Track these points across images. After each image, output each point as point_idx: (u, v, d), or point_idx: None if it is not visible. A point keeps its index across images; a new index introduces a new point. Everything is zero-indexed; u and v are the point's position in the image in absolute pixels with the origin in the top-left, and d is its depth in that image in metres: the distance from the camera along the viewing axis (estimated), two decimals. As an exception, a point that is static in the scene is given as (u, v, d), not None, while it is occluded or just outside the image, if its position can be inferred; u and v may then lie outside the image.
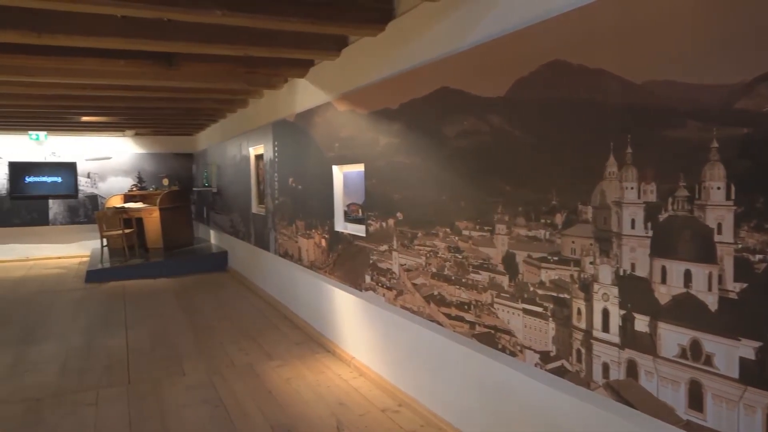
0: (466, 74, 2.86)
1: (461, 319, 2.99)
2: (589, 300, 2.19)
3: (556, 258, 2.34)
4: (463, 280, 2.95)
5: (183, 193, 10.75)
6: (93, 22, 3.55)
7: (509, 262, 2.61)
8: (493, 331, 2.75)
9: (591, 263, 2.17)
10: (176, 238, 10.02)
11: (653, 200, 1.92)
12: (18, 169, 10.67)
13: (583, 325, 2.22)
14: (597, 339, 2.16)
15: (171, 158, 11.82)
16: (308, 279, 5.39)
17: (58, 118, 8.34)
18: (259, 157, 7.10)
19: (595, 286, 2.16)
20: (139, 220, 9.83)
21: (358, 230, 4.28)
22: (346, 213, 4.64)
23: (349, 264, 4.40)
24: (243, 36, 3.99)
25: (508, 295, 2.63)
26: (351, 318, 4.48)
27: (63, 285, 8.35)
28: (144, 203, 10.20)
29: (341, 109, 4.43)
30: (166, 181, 11.50)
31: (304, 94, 5.32)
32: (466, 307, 2.95)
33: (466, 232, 2.91)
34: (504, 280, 2.65)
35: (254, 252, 7.43)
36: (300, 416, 3.59)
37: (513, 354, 2.62)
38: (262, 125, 6.71)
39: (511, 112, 2.55)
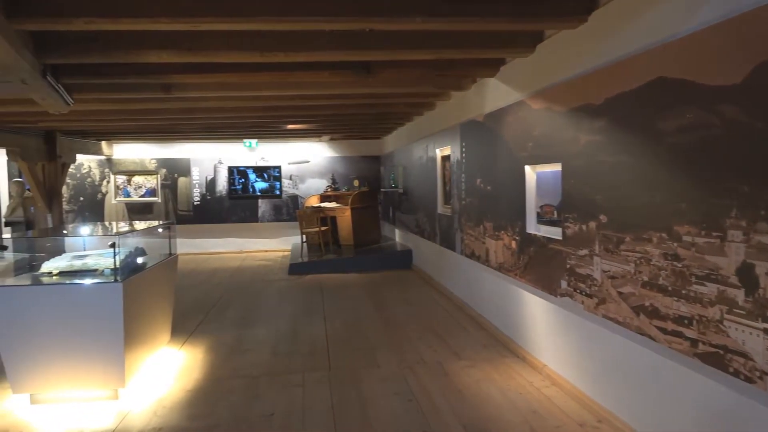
0: (689, 61, 2.56)
1: (680, 335, 2.68)
2: None
3: (813, 272, 1.97)
4: (683, 292, 2.64)
5: (372, 194, 11.37)
6: (305, 38, 3.89)
7: (746, 273, 2.26)
8: (722, 352, 2.41)
9: None
10: (365, 236, 10.65)
11: None
12: (235, 173, 12.25)
13: None
14: None
15: (360, 161, 12.59)
16: (496, 281, 5.32)
17: (268, 126, 9.38)
18: (445, 158, 7.20)
19: None
20: (333, 219, 10.64)
21: (553, 233, 4.10)
22: (539, 215, 4.47)
23: (542, 268, 4.23)
24: (437, 40, 4.07)
25: (743, 312, 2.29)
26: (543, 324, 4.31)
27: (270, 276, 9.36)
28: (337, 203, 11.00)
29: (535, 107, 4.28)
30: (356, 183, 12.28)
31: (494, 93, 5.25)
32: (686, 321, 2.63)
33: (687, 238, 2.60)
34: (738, 295, 2.31)
35: (439, 251, 7.56)
36: (492, 419, 3.54)
37: (749, 380, 2.27)
38: (449, 126, 6.79)
39: (750, 102, 2.21)
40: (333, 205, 10.86)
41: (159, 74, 4.73)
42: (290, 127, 9.36)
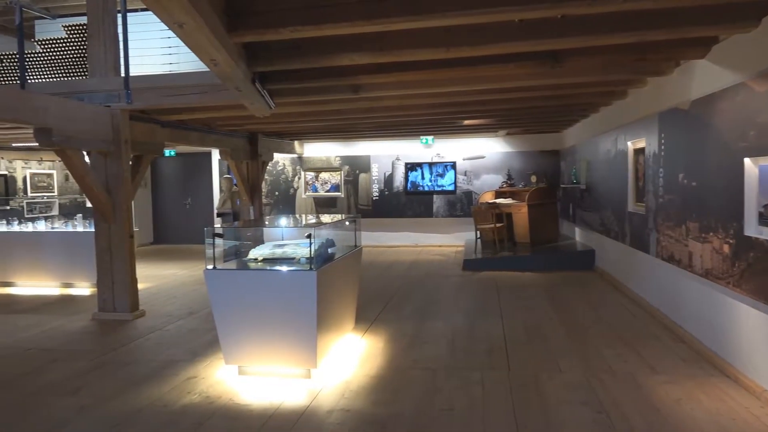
0: None
1: None
2: None
3: None
4: None
5: (550, 191, 10.89)
6: (493, 30, 3.81)
7: None
8: None
9: None
10: (543, 233, 10.22)
11: None
12: (412, 169, 12.59)
13: None
14: None
15: (537, 156, 12.11)
16: (700, 288, 4.71)
17: (444, 123, 9.46)
18: (638, 152, 6.57)
19: None
20: (509, 215, 10.39)
21: (782, 236, 3.49)
22: (761, 215, 3.85)
23: (765, 277, 3.63)
24: (637, 21, 3.71)
25: None
26: (766, 342, 3.70)
27: (444, 270, 9.44)
28: (513, 199, 10.71)
29: (760, 89, 3.68)
30: (534, 179, 11.83)
31: (703, 77, 4.64)
32: None
33: None
34: None
35: (628, 253, 6.95)
36: (699, 446, 3.14)
37: None
38: (644, 116, 6.18)
39: None
40: (508, 201, 10.60)
41: (349, 76, 5.00)
42: (467, 123, 9.33)
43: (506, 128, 10.81)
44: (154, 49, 7.47)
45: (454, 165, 12.41)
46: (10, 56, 7.66)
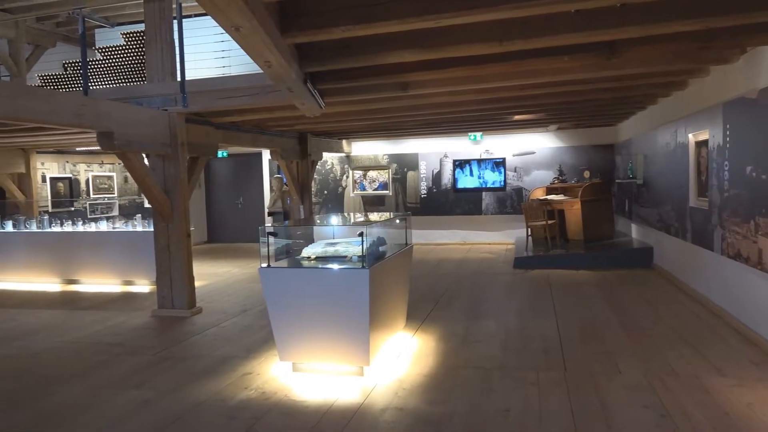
0: None
1: None
2: None
3: None
4: None
5: (604, 186, 10.56)
6: (546, 22, 3.71)
7: None
8: None
9: None
10: (597, 230, 9.93)
11: None
12: (460, 166, 12.47)
13: None
14: None
15: (590, 150, 11.76)
16: (771, 288, 4.47)
17: (493, 119, 9.31)
18: (700, 144, 6.29)
19: None
20: (561, 212, 10.14)
21: None
22: (841, 209, 3.62)
23: None
24: (702, 7, 3.54)
25: None
26: None
27: (494, 268, 9.30)
28: (565, 195, 10.45)
29: (838, 75, 3.45)
30: (587, 174, 11.51)
31: (773, 64, 4.39)
32: None
33: None
34: None
35: (689, 250, 6.66)
36: (774, 454, 2.98)
37: None
38: (706, 107, 5.90)
39: None
40: (560, 197, 10.36)
41: (398, 74, 4.98)
42: (517, 118, 9.16)
43: (557, 123, 10.55)
44: (207, 54, 7.68)
45: (503, 161, 12.22)
46: (73, 64, 8.04)
